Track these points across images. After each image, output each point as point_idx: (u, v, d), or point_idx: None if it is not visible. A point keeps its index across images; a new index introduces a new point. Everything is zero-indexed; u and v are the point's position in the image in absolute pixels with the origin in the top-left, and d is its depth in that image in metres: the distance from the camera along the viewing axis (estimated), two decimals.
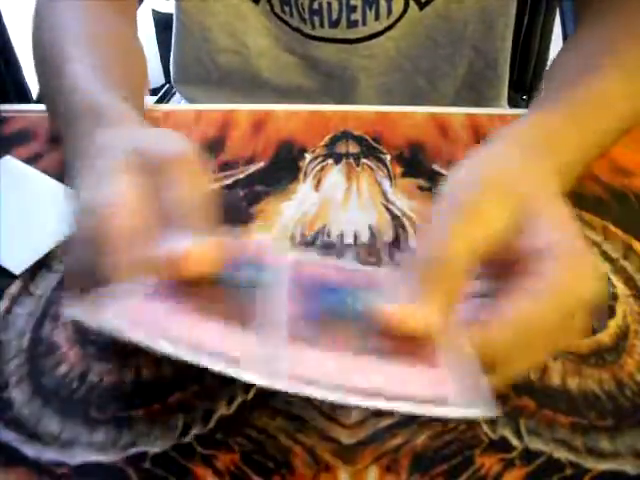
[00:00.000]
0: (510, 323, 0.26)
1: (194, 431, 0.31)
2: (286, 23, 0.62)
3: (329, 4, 0.59)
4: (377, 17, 0.60)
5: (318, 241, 0.42)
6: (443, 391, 0.24)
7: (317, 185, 0.47)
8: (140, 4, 0.71)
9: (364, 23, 0.60)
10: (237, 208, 0.45)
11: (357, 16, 0.60)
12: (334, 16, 0.60)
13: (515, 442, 0.31)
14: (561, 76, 0.43)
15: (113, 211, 0.27)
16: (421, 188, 0.46)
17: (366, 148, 0.50)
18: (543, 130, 0.35)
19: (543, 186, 0.30)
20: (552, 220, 0.28)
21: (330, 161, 0.49)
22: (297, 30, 0.62)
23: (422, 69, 0.66)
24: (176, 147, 0.30)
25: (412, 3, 0.60)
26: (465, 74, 0.68)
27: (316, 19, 0.60)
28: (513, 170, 0.30)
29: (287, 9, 0.60)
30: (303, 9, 0.60)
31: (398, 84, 0.67)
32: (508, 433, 0.31)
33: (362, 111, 0.55)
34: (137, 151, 0.29)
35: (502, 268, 0.28)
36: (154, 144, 0.30)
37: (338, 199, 0.46)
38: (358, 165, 0.49)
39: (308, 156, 0.50)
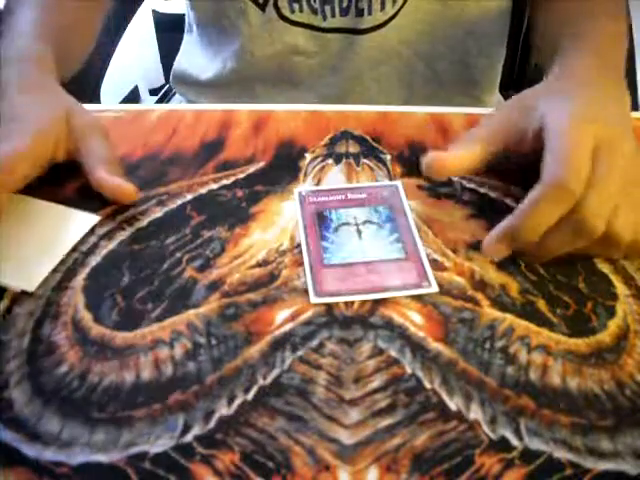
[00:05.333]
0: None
1: (194, 431, 0.31)
2: (294, 23, 0.63)
3: None
4: (383, 7, 0.62)
5: None
6: None
7: (317, 185, 0.47)
8: (140, 4, 0.71)
9: (370, 12, 0.62)
10: (237, 208, 0.45)
11: (363, 4, 0.62)
12: (344, 3, 0.62)
13: (515, 442, 0.31)
14: (557, 35, 0.52)
15: None
16: (421, 188, 0.46)
17: (366, 148, 0.50)
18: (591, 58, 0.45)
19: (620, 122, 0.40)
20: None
21: (330, 161, 0.49)
22: (307, 26, 0.63)
23: (421, 53, 0.67)
24: None
25: None
26: (462, 60, 0.68)
27: (327, 8, 0.62)
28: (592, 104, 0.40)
29: (296, 6, 0.62)
30: (314, 0, 0.62)
31: (396, 71, 0.68)
32: (508, 433, 0.31)
33: (362, 111, 0.55)
34: None
35: None
36: None
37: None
38: (358, 165, 0.49)
39: (308, 156, 0.50)
